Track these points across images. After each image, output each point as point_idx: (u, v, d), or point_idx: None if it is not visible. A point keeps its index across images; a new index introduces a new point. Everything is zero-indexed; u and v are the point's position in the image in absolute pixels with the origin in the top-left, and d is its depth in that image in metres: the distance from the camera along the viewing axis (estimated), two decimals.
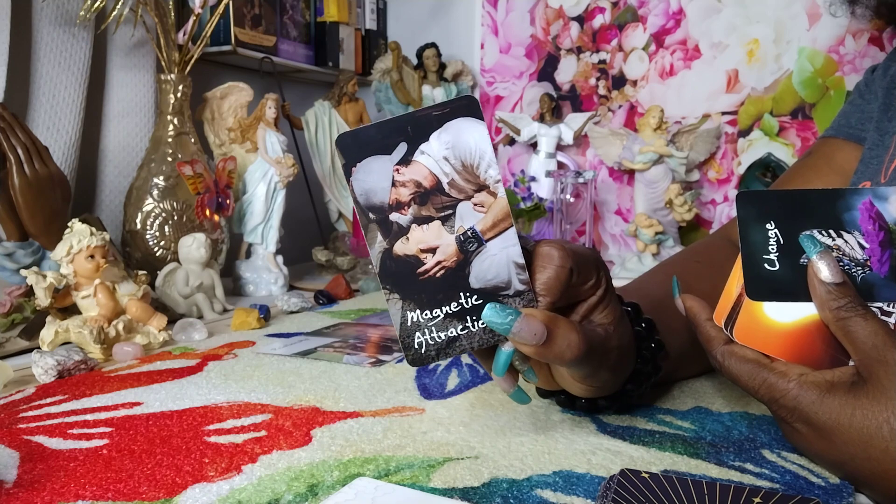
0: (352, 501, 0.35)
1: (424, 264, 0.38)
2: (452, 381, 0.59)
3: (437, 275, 0.38)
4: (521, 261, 0.38)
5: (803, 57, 1.21)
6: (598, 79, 1.39)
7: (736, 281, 0.43)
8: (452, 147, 0.37)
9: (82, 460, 0.42)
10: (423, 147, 0.37)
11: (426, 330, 0.38)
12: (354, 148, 0.37)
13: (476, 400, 0.54)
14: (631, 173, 1.30)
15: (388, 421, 0.49)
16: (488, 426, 0.48)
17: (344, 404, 0.53)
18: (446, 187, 0.38)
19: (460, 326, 0.38)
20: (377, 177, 0.37)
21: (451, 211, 0.38)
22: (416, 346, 0.39)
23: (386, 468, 0.41)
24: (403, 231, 0.38)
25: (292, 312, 0.90)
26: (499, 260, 0.38)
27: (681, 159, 1.23)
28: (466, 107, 0.37)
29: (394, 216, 0.38)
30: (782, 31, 1.22)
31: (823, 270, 0.38)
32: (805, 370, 0.39)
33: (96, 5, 0.89)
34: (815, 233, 0.39)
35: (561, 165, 1.38)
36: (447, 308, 0.38)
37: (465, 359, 0.66)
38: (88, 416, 0.50)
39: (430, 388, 0.57)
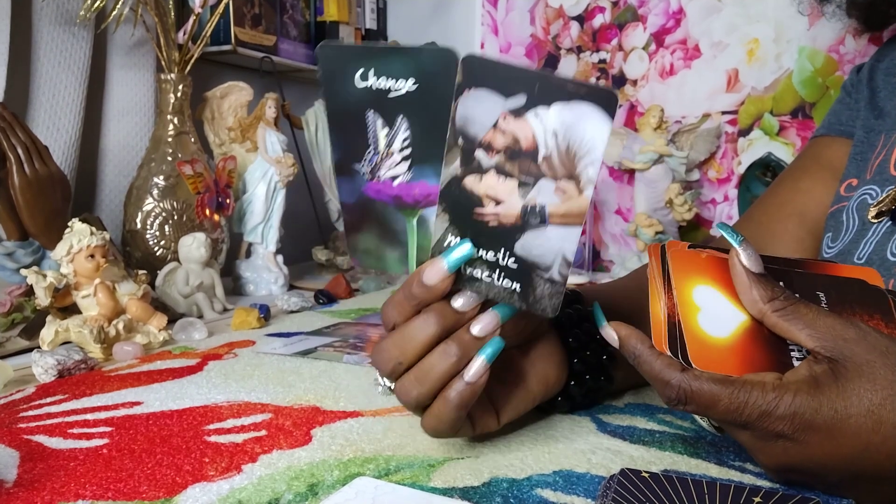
0: (352, 501, 0.35)
1: (484, 208, 0.38)
2: None
3: (490, 223, 0.38)
4: (571, 259, 0.38)
5: (803, 56, 1.21)
6: (598, 78, 1.39)
7: (658, 301, 0.40)
8: (568, 127, 0.36)
9: (82, 460, 0.42)
10: (539, 110, 0.36)
11: None
12: (477, 74, 0.36)
13: None
14: (631, 173, 1.30)
15: (389, 420, 0.49)
16: None
17: (344, 404, 0.53)
18: (540, 158, 0.37)
19: (486, 273, 0.39)
20: (483, 112, 0.36)
21: (532, 180, 0.37)
22: None
23: (386, 467, 0.41)
24: (480, 170, 0.38)
25: (292, 312, 0.90)
26: (551, 246, 0.38)
27: (681, 159, 1.23)
28: (604, 98, 0.35)
29: (479, 153, 0.37)
30: (782, 31, 1.22)
31: (748, 259, 0.38)
32: (775, 375, 0.36)
33: (96, 5, 0.89)
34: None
35: None
36: (483, 252, 0.39)
37: None
38: (88, 416, 0.50)
39: None
